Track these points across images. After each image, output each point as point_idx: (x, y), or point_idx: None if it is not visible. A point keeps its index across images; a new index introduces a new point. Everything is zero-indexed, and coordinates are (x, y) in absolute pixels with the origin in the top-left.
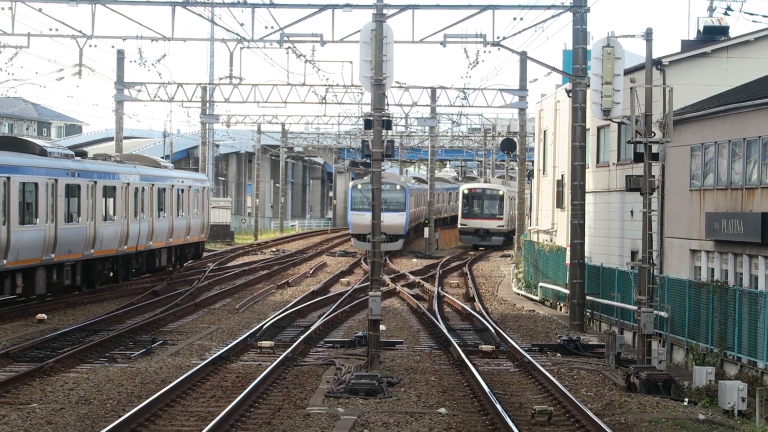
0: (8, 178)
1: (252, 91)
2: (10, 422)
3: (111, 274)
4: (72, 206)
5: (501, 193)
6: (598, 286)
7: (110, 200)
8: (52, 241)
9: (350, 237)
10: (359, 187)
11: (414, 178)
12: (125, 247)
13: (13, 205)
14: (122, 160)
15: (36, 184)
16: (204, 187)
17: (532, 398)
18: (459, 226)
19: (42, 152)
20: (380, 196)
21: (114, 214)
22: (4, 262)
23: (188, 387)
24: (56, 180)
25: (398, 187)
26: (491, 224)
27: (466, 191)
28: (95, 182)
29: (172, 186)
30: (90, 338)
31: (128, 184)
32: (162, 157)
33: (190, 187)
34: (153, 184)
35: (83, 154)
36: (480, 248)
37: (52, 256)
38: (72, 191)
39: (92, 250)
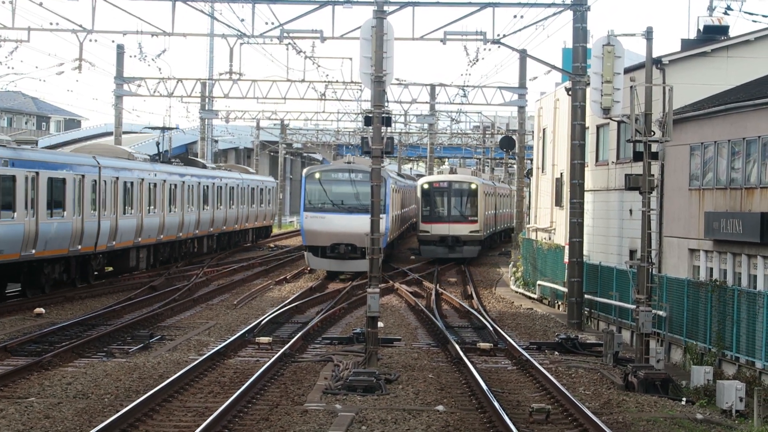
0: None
1: (251, 86)
2: (8, 416)
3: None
4: (207, 200)
5: (474, 186)
6: (596, 284)
7: (224, 196)
8: (196, 221)
9: (303, 250)
10: (317, 176)
11: (399, 175)
12: (236, 225)
13: (119, 198)
14: (229, 168)
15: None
16: (273, 187)
17: (530, 396)
18: (418, 233)
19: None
20: (379, 193)
21: (229, 205)
22: None
23: (186, 382)
24: (198, 183)
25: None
26: (461, 229)
27: (426, 186)
28: (214, 184)
29: (257, 186)
30: (87, 333)
31: (237, 185)
32: (163, 152)
33: (266, 187)
34: (248, 185)
35: (188, 161)
36: (447, 263)
37: (197, 231)
38: (204, 190)
39: (224, 226)
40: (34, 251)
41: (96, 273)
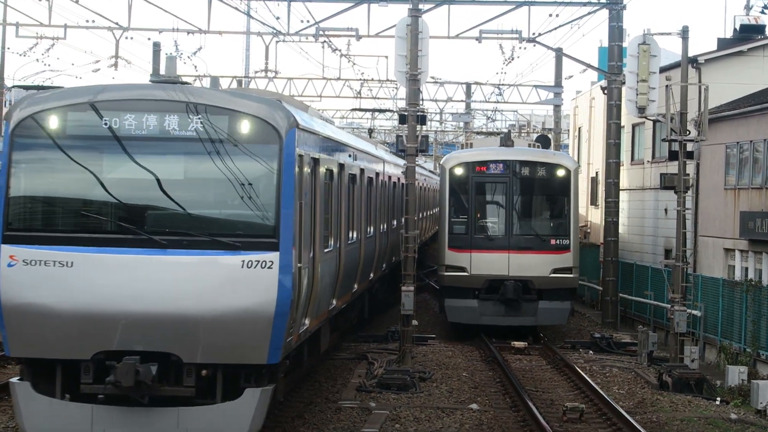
0: None
1: (287, 84)
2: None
3: None
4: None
5: (562, 172)
6: (631, 283)
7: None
8: None
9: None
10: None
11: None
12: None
13: None
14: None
15: None
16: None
17: (564, 395)
18: (440, 270)
19: None
20: (415, 192)
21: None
22: None
23: None
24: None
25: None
26: (536, 265)
27: (458, 171)
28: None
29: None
30: None
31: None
32: None
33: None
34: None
35: None
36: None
37: None
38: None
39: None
40: None
41: None
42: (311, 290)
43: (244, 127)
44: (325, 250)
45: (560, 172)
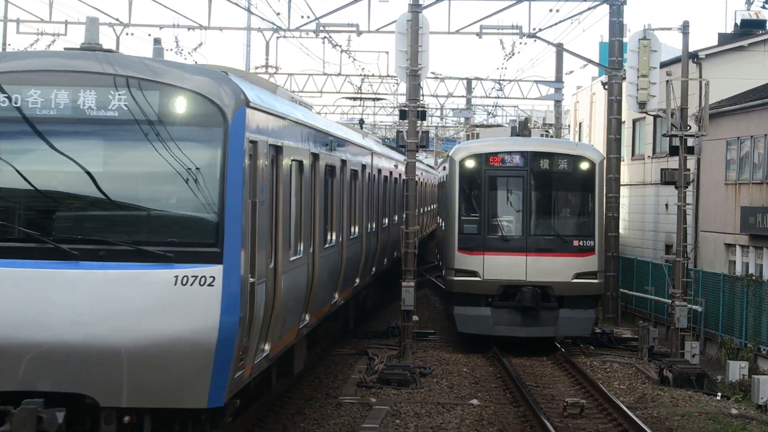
0: None
1: (288, 80)
2: None
3: None
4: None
5: (586, 165)
6: (632, 279)
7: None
8: None
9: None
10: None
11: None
12: None
13: None
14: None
15: None
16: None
17: (564, 390)
18: (447, 275)
19: None
20: (415, 187)
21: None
22: None
23: None
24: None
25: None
26: (557, 269)
27: (469, 163)
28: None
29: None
30: None
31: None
32: None
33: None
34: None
35: None
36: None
37: None
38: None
39: None
40: None
41: None
42: (273, 308)
43: (180, 105)
44: (292, 258)
45: (584, 165)
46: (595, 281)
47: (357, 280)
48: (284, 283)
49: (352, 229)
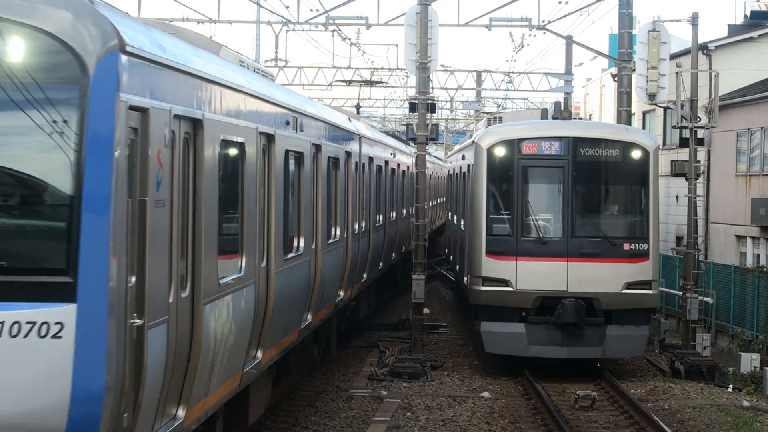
0: None
1: (297, 73)
2: None
3: None
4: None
5: (639, 154)
6: None
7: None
8: None
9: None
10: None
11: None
12: None
13: None
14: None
15: None
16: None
17: (576, 383)
18: (473, 284)
19: None
20: (425, 180)
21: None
22: None
23: None
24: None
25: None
26: (606, 277)
27: (499, 151)
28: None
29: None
30: None
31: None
32: None
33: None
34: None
35: None
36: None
37: None
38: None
39: None
40: None
41: None
42: (190, 357)
43: (15, 48)
44: (225, 279)
45: (636, 154)
46: (650, 292)
47: (341, 292)
48: (212, 317)
49: (332, 232)
